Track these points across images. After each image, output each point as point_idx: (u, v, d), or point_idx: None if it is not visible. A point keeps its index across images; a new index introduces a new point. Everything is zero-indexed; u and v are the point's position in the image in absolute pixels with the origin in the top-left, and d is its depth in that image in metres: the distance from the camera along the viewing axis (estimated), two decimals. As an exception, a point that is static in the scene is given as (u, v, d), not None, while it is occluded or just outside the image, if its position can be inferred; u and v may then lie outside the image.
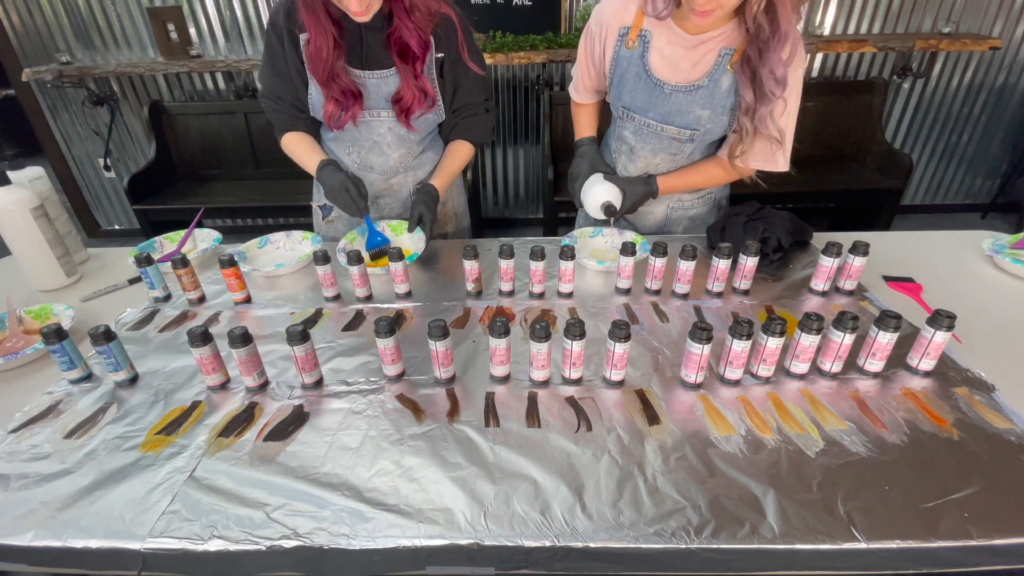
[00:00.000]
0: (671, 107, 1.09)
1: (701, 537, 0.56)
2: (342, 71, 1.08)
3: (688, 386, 0.76)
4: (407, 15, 1.03)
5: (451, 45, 1.12)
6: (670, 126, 1.11)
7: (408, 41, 1.05)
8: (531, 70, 2.88)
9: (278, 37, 1.10)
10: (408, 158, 1.24)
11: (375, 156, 1.22)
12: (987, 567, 0.56)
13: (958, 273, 1.05)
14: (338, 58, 1.06)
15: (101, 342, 0.76)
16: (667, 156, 1.18)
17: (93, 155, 3.15)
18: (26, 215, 1.04)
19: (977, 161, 3.12)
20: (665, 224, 1.30)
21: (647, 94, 1.10)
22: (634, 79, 1.10)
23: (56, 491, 0.63)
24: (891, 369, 0.78)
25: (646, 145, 1.17)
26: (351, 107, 1.11)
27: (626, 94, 1.13)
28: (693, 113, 1.08)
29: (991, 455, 0.64)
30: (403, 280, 1.01)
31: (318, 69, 1.06)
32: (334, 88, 1.08)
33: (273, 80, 1.15)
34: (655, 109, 1.10)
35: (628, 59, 1.09)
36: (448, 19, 1.10)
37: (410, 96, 1.11)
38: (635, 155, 1.20)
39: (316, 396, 0.78)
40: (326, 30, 1.02)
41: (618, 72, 1.12)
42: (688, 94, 1.06)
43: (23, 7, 2.73)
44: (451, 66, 1.15)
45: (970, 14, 2.70)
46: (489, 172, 3.20)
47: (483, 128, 1.28)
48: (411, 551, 0.56)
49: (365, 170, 1.24)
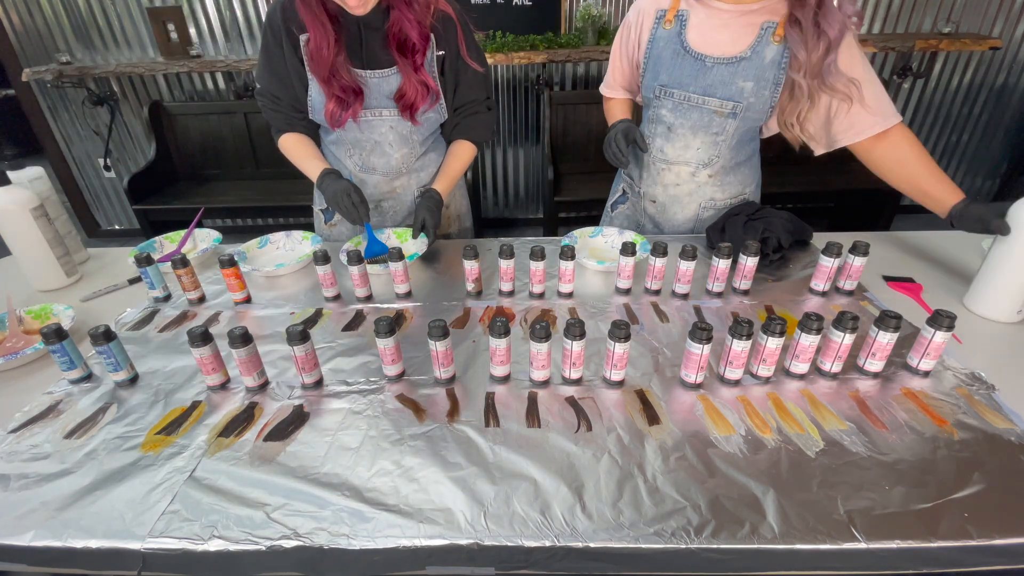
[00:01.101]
0: (713, 79, 1.08)
1: (701, 537, 0.56)
2: (343, 68, 1.07)
3: (688, 386, 0.76)
4: (406, 6, 1.03)
5: (451, 42, 1.12)
6: (712, 98, 1.10)
7: (408, 32, 1.04)
8: (531, 70, 2.88)
9: (275, 36, 1.08)
10: (411, 159, 1.24)
11: (377, 157, 1.21)
12: (987, 567, 0.56)
13: (958, 273, 1.05)
14: (338, 54, 1.05)
15: (101, 342, 0.76)
16: (707, 137, 1.15)
17: (93, 155, 3.15)
18: (26, 215, 1.04)
19: (977, 161, 3.12)
20: (696, 224, 1.27)
21: (688, 69, 1.10)
22: (671, 56, 1.10)
23: (56, 491, 0.63)
24: (891, 369, 0.78)
25: (686, 122, 1.15)
26: (352, 104, 1.11)
27: (663, 72, 1.12)
28: (736, 85, 1.07)
29: (991, 455, 0.64)
30: (403, 280, 1.01)
31: (319, 68, 1.06)
32: (335, 85, 1.08)
33: (271, 80, 1.14)
34: (696, 83, 1.10)
35: (665, 39, 1.10)
36: (447, 16, 1.10)
37: (412, 92, 1.11)
38: (673, 134, 1.17)
39: (316, 396, 0.78)
40: (325, 27, 1.01)
41: (654, 53, 1.13)
42: (731, 66, 1.06)
43: (23, 7, 2.73)
44: (451, 63, 1.15)
45: (970, 14, 2.70)
46: (489, 172, 3.20)
47: (484, 127, 1.27)
48: (411, 551, 0.56)
49: (367, 172, 1.23)
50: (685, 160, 1.19)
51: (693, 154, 1.18)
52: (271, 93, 1.15)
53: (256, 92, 1.18)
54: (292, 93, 1.14)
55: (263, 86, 1.15)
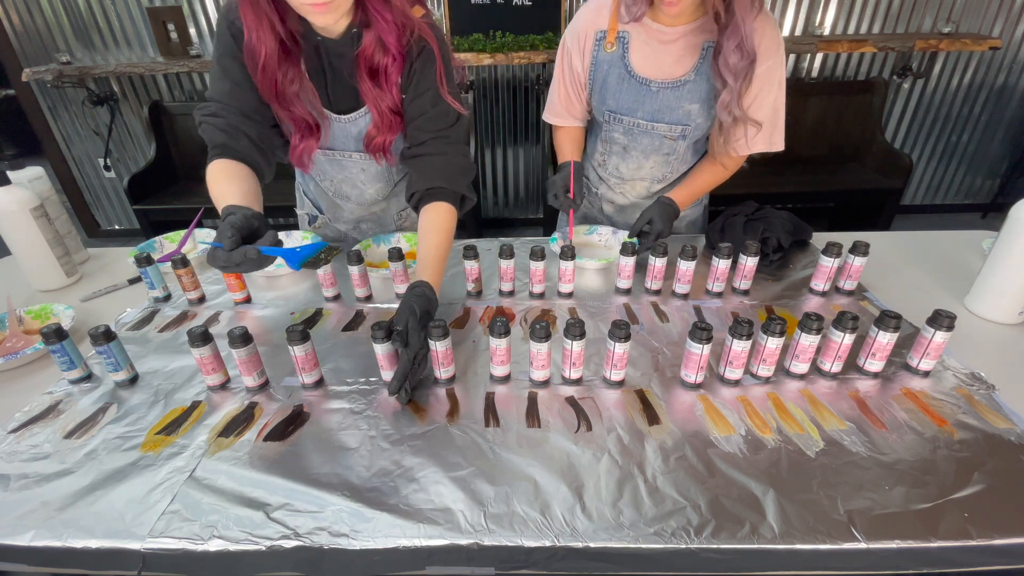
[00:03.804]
0: (659, 104, 1.08)
1: (701, 537, 0.56)
2: (295, 97, 0.90)
3: (688, 386, 0.76)
4: (383, 3, 0.84)
5: (426, 75, 0.93)
6: (660, 123, 1.10)
7: (386, 39, 0.86)
8: (531, 70, 2.88)
9: (234, 35, 0.87)
10: (386, 190, 1.16)
11: (349, 188, 1.14)
12: (987, 567, 0.56)
13: (958, 273, 1.05)
14: (291, 82, 0.88)
15: (101, 342, 0.76)
16: (660, 157, 1.17)
17: (93, 155, 3.15)
18: (26, 215, 1.04)
19: (977, 161, 3.12)
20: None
21: (633, 94, 1.09)
22: (617, 81, 1.08)
23: (56, 491, 0.63)
24: (891, 369, 0.78)
25: (638, 145, 1.16)
26: (307, 139, 0.96)
27: (610, 97, 1.11)
28: (683, 108, 1.07)
29: (991, 455, 0.64)
30: (403, 280, 1.01)
31: (259, 80, 0.87)
32: (283, 112, 0.91)
33: (222, 82, 0.89)
34: (643, 108, 1.10)
35: (608, 62, 1.08)
36: (425, 47, 0.91)
37: (383, 135, 0.96)
38: (628, 155, 1.19)
39: (316, 396, 0.78)
40: (268, 31, 0.82)
41: (599, 77, 1.10)
42: (676, 90, 1.06)
43: (23, 7, 2.73)
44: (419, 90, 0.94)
45: (970, 14, 2.70)
46: (489, 172, 3.20)
47: (456, 172, 0.95)
48: (411, 551, 0.56)
49: (341, 199, 1.17)
50: (640, 177, 1.22)
51: (648, 172, 1.21)
52: (220, 100, 0.89)
53: (200, 107, 0.90)
54: (249, 100, 0.89)
55: (211, 94, 0.91)
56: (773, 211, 1.14)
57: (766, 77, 1.00)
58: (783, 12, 2.75)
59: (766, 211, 1.14)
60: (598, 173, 1.29)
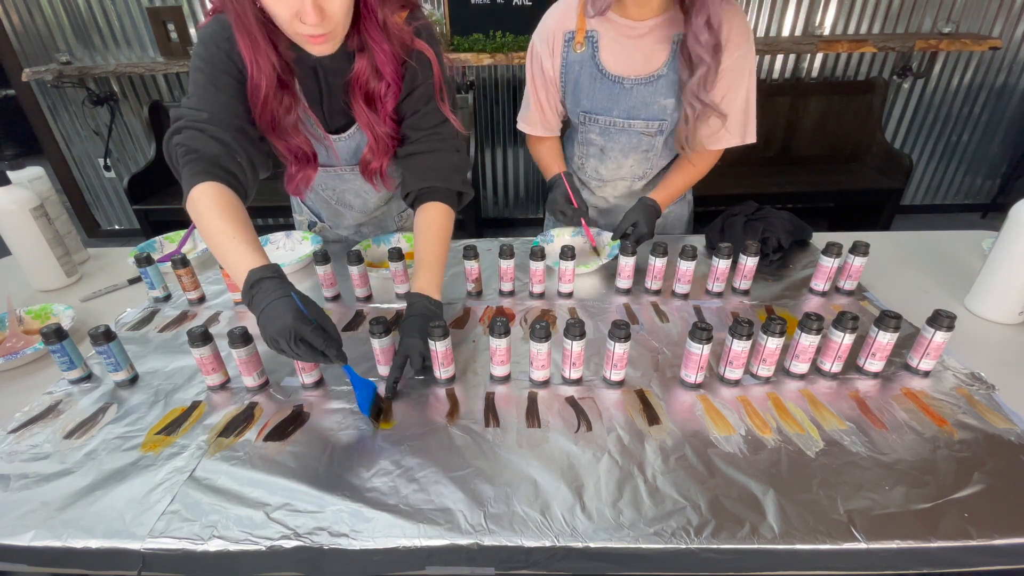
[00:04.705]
0: (634, 101, 1.07)
1: (701, 537, 0.56)
2: (293, 128, 0.88)
3: (688, 386, 0.76)
4: (381, 34, 0.82)
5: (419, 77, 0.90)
6: (637, 120, 1.09)
7: (382, 69, 0.85)
8: (531, 70, 2.88)
9: (220, 50, 0.82)
10: (387, 197, 1.17)
11: (352, 196, 1.14)
12: (987, 567, 0.56)
13: (958, 273, 1.05)
14: (288, 111, 0.86)
15: (101, 342, 0.76)
16: (639, 155, 1.15)
17: (93, 155, 3.15)
18: (26, 215, 1.04)
19: (977, 161, 3.12)
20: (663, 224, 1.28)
21: (607, 93, 1.07)
22: (589, 81, 1.07)
23: (56, 491, 0.63)
24: (891, 369, 0.78)
25: (616, 144, 1.14)
26: (304, 169, 0.95)
27: (584, 98, 1.09)
28: (658, 104, 1.06)
29: (991, 455, 0.64)
30: (403, 280, 1.01)
31: (258, 114, 0.84)
32: (279, 144, 0.90)
33: (205, 91, 0.83)
34: (618, 107, 1.08)
35: (579, 62, 1.06)
36: (424, 58, 0.88)
37: (377, 163, 0.95)
38: (606, 156, 1.17)
39: (316, 396, 0.78)
40: (267, 61, 0.79)
41: (571, 78, 1.09)
42: (650, 85, 1.04)
43: (23, 7, 2.73)
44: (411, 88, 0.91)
45: (970, 14, 2.70)
46: (489, 172, 3.20)
47: (450, 169, 0.94)
48: (411, 551, 0.56)
49: (344, 207, 1.17)
50: (620, 176, 1.21)
51: (627, 171, 1.20)
52: (210, 111, 0.82)
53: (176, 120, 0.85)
54: (243, 116, 0.84)
55: (199, 104, 0.83)
56: (773, 211, 1.14)
57: (737, 67, 1.00)
58: (783, 12, 2.75)
59: (766, 211, 1.14)
60: (578, 177, 1.28)
